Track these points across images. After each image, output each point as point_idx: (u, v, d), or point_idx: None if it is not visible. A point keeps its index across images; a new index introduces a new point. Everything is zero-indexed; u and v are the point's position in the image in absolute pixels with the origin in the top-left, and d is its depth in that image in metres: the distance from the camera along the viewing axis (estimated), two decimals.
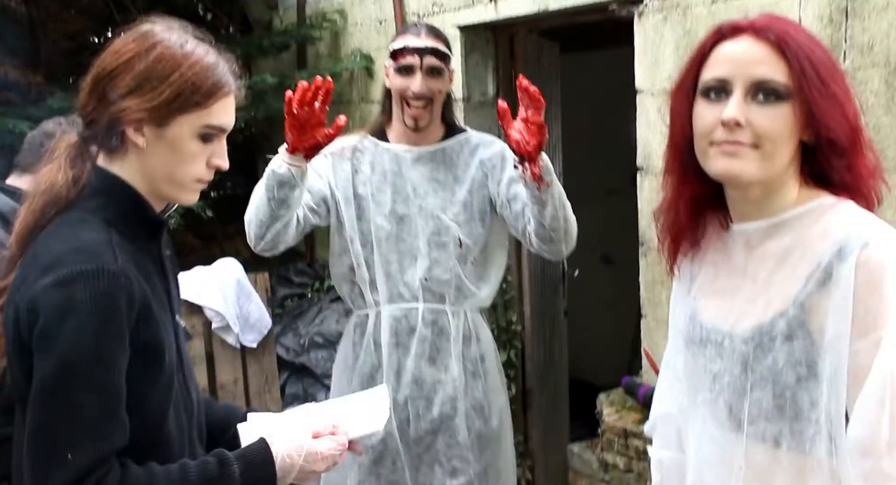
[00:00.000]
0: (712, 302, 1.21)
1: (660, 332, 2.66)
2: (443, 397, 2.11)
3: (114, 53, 1.17)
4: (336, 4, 3.79)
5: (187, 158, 1.20)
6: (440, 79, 2.06)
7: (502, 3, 3.00)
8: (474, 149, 2.14)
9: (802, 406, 1.09)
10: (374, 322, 2.14)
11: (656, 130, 2.57)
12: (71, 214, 1.17)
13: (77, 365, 1.07)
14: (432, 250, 2.09)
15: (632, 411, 2.62)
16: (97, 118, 1.17)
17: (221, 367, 3.30)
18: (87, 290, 1.08)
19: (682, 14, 2.43)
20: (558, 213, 1.90)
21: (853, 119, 1.10)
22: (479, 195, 2.11)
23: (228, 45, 4.11)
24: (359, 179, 2.12)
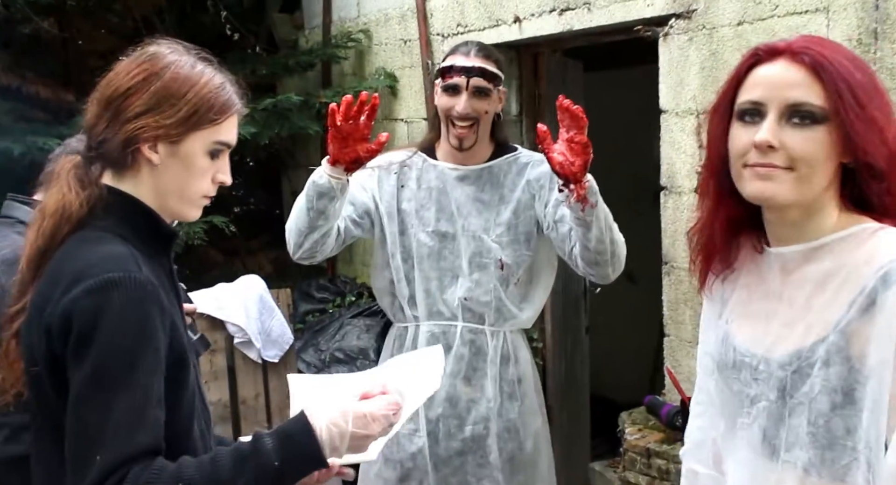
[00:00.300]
0: (746, 325, 1.20)
1: (682, 351, 2.65)
2: (475, 417, 2.09)
3: (126, 74, 1.20)
4: (361, 24, 3.83)
5: (197, 173, 1.24)
6: (486, 99, 2.04)
7: (526, 24, 3.02)
8: (522, 168, 2.11)
9: (836, 434, 1.08)
10: (412, 337, 2.13)
11: (680, 150, 2.58)
12: (85, 234, 1.19)
13: (110, 367, 1.09)
14: (474, 271, 2.07)
15: (654, 431, 2.60)
16: (109, 137, 1.19)
17: (243, 382, 3.32)
18: (118, 295, 1.10)
19: (708, 35, 2.44)
20: (604, 235, 1.86)
21: (893, 143, 1.09)
22: (525, 216, 2.08)
23: (255, 64, 4.16)
24: (404, 195, 2.12)
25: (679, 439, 2.48)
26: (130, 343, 1.10)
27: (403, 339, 2.16)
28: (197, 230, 3.53)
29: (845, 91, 1.06)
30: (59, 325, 1.11)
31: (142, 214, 1.23)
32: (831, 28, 2.14)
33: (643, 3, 2.60)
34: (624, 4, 2.66)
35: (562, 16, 2.87)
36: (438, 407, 2.09)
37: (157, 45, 1.24)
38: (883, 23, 2.04)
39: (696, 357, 2.57)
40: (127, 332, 1.10)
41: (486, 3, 3.18)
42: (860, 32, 2.09)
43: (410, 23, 3.54)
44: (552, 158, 1.76)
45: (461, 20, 3.31)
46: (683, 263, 2.62)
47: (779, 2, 2.26)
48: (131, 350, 1.10)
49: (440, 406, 2.09)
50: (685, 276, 2.61)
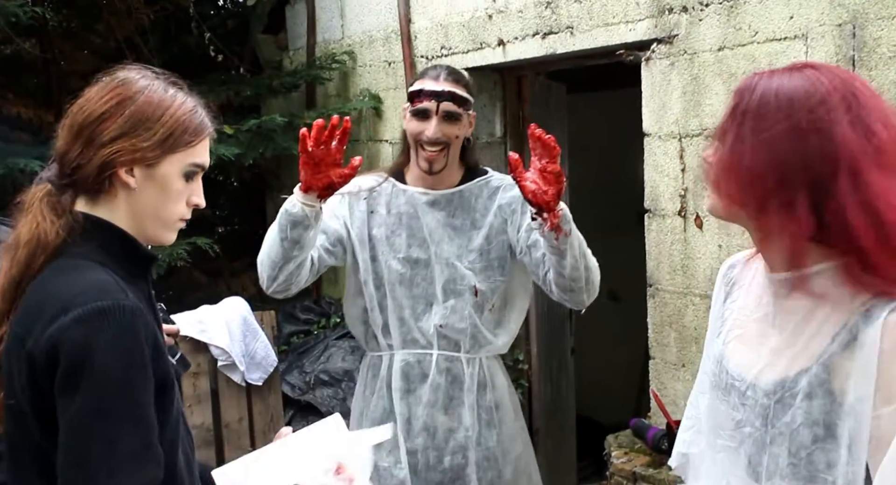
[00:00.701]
0: (740, 348, 1.20)
1: (668, 373, 2.65)
2: (454, 447, 2.05)
3: (98, 99, 1.19)
4: (345, 46, 3.85)
5: (173, 196, 1.24)
6: (457, 124, 2.00)
7: (510, 47, 3.05)
8: (493, 192, 2.07)
9: (818, 467, 1.08)
10: (387, 366, 2.09)
11: (663, 174, 2.60)
12: (62, 262, 1.18)
13: (109, 400, 1.08)
14: (448, 298, 2.03)
15: (641, 454, 2.60)
16: (84, 163, 1.18)
17: (226, 405, 3.29)
18: (109, 325, 1.09)
19: (689, 60, 2.47)
20: (578, 262, 1.84)
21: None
22: (498, 241, 2.04)
23: (239, 85, 4.15)
24: (374, 221, 2.07)
25: (665, 462, 2.49)
26: (127, 373, 1.09)
27: (378, 368, 2.11)
28: (180, 252, 3.50)
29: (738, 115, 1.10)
30: (45, 356, 1.09)
31: (119, 239, 1.22)
32: (809, 55, 2.17)
33: (625, 28, 2.63)
34: (606, 29, 2.69)
35: (545, 39, 2.90)
36: (417, 438, 2.05)
37: (127, 71, 1.24)
38: (860, 50, 2.08)
39: (681, 380, 2.59)
40: (123, 362, 1.09)
41: (471, 26, 3.21)
42: (838, 59, 2.12)
43: (395, 45, 3.56)
44: (524, 187, 1.74)
45: (445, 43, 3.33)
46: (668, 286, 2.63)
47: (758, 28, 2.29)
48: (129, 380, 1.09)
49: (419, 437, 2.05)
50: (670, 298, 2.63)
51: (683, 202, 2.55)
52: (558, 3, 2.83)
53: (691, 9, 2.46)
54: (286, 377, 3.65)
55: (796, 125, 1.05)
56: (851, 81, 1.09)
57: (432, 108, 1.98)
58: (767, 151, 1.07)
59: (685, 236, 2.56)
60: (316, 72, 3.85)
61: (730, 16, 2.36)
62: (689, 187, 2.53)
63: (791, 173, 1.05)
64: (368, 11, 3.72)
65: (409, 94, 2.06)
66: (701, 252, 2.52)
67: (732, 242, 2.41)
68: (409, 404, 2.06)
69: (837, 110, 1.05)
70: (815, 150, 1.04)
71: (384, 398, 2.09)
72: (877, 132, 1.05)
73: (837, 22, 2.12)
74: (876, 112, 1.07)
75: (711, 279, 2.48)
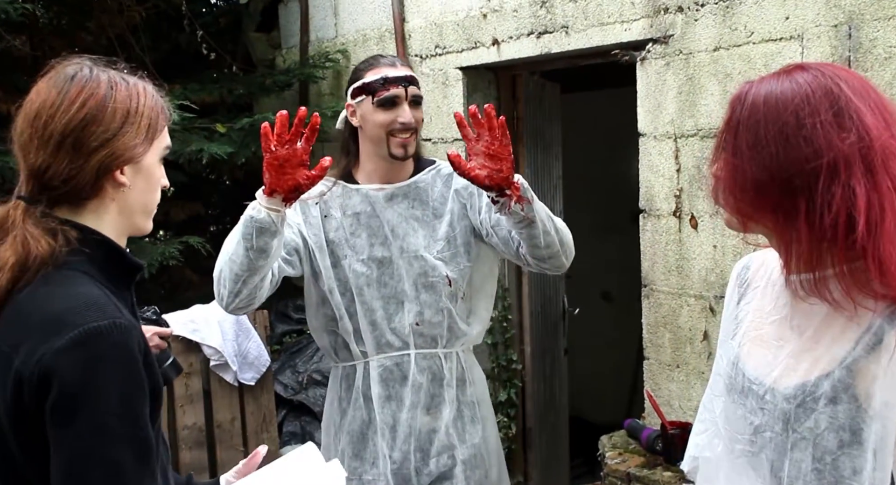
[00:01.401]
0: (756, 351, 1.19)
1: (662, 374, 2.65)
2: (439, 448, 1.97)
3: (70, 104, 1.13)
4: (339, 44, 3.83)
5: (156, 184, 1.23)
6: (420, 109, 1.96)
7: (504, 46, 3.04)
8: (447, 179, 2.01)
9: (843, 473, 1.06)
10: (362, 374, 2.00)
11: (658, 174, 2.60)
12: (51, 274, 1.12)
13: (110, 424, 1.05)
14: (420, 293, 1.96)
15: (635, 455, 2.60)
16: (75, 174, 1.13)
17: (219, 405, 3.27)
18: (106, 346, 1.06)
19: (685, 60, 2.47)
20: (548, 226, 1.79)
21: None
22: (461, 226, 1.99)
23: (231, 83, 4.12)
24: (330, 225, 1.98)
25: (660, 463, 2.49)
26: (127, 394, 1.06)
27: (352, 379, 2.02)
28: (172, 251, 3.48)
29: (733, 127, 1.10)
30: (37, 378, 1.05)
31: (107, 249, 1.18)
32: (805, 56, 2.17)
33: (620, 28, 2.63)
34: (601, 29, 2.68)
35: (540, 39, 2.89)
36: (403, 444, 1.97)
37: (73, 66, 1.17)
38: (856, 51, 2.08)
39: (675, 380, 2.59)
40: (123, 383, 1.06)
41: (465, 25, 3.20)
42: (833, 60, 2.12)
43: (388, 44, 3.55)
44: (476, 176, 1.69)
45: (439, 42, 3.32)
46: (663, 286, 2.63)
47: (754, 29, 2.29)
48: (129, 403, 1.06)
49: (405, 443, 1.97)
50: (664, 299, 2.62)
51: (678, 202, 2.55)
52: (553, 3, 2.83)
53: (687, 9, 2.45)
54: (279, 377, 3.63)
55: (783, 131, 1.05)
56: (836, 75, 1.08)
57: (402, 94, 1.91)
58: (764, 160, 1.06)
59: (680, 237, 2.56)
60: (309, 70, 3.83)
61: (725, 16, 2.36)
62: (684, 188, 2.53)
63: (788, 180, 1.05)
64: (362, 10, 3.70)
65: (362, 87, 1.94)
66: (696, 253, 2.52)
67: (727, 243, 2.41)
68: (391, 411, 1.98)
69: (820, 108, 1.04)
70: (801, 153, 1.04)
71: (361, 409, 2.01)
72: (863, 127, 1.04)
73: (833, 23, 2.12)
74: (863, 100, 1.06)
75: (706, 280, 2.48)
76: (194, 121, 3.41)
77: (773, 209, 1.07)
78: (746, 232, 1.15)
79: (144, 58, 3.83)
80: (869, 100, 1.07)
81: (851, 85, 1.07)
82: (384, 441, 1.97)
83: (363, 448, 1.99)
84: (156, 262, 3.42)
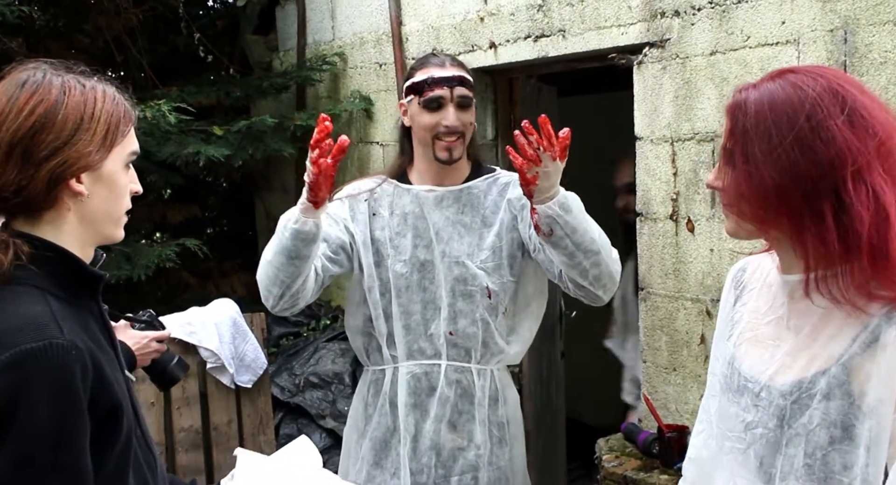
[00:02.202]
0: (752, 350, 1.20)
1: (659, 377, 2.65)
2: (463, 467, 1.91)
3: (19, 112, 1.09)
4: (336, 47, 3.83)
5: (122, 191, 1.18)
6: (469, 111, 1.91)
7: (502, 50, 3.04)
8: (503, 188, 1.96)
9: (833, 468, 1.08)
10: (390, 380, 1.95)
11: (655, 177, 2.60)
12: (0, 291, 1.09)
13: (37, 451, 1.01)
14: (457, 301, 1.90)
15: (632, 458, 2.60)
16: (26, 184, 1.08)
17: (215, 407, 3.27)
18: (37, 369, 1.01)
19: (681, 64, 2.48)
20: (576, 259, 1.73)
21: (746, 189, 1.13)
22: (509, 238, 1.93)
23: (229, 86, 4.12)
24: (377, 223, 1.95)
25: (656, 466, 2.49)
26: (56, 421, 1.01)
27: (380, 384, 1.97)
28: (169, 253, 3.48)
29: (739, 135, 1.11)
30: None
31: (64, 262, 1.13)
32: (801, 60, 2.18)
33: (617, 32, 2.63)
34: (598, 32, 2.69)
35: (537, 42, 2.90)
36: (423, 456, 1.91)
37: (27, 72, 1.13)
38: (852, 56, 2.09)
39: (672, 384, 2.59)
40: (52, 408, 1.01)
41: (462, 28, 3.20)
42: (829, 64, 2.13)
43: (386, 47, 3.55)
44: (521, 173, 1.68)
45: (436, 45, 3.32)
46: (660, 290, 2.63)
47: (750, 33, 2.30)
48: (58, 429, 1.02)
49: (425, 455, 1.91)
50: (661, 302, 2.63)
51: (675, 206, 2.55)
52: (550, 7, 2.83)
53: (683, 13, 2.46)
54: (276, 380, 3.63)
55: (800, 135, 1.06)
56: (835, 76, 1.09)
57: (447, 96, 1.87)
58: (783, 166, 1.06)
59: (677, 240, 2.56)
60: (306, 73, 3.83)
61: (722, 20, 2.37)
62: (680, 191, 2.53)
63: (811, 183, 1.05)
64: (359, 13, 3.71)
65: (412, 86, 1.92)
66: (693, 256, 2.52)
67: (724, 246, 2.42)
68: (415, 421, 1.93)
69: (831, 110, 1.06)
70: (824, 156, 1.05)
71: (387, 416, 1.96)
72: (875, 124, 1.05)
73: (829, 27, 2.13)
74: (867, 97, 1.08)
75: (703, 283, 2.49)
76: (191, 123, 3.42)
77: (793, 213, 1.07)
78: (749, 238, 1.16)
79: (142, 60, 3.84)
80: (871, 96, 1.09)
81: (852, 83, 1.09)
82: (405, 451, 1.91)
83: (385, 457, 1.94)
84: (153, 264, 3.42)
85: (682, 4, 2.46)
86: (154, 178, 3.82)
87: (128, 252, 3.39)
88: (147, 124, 3.13)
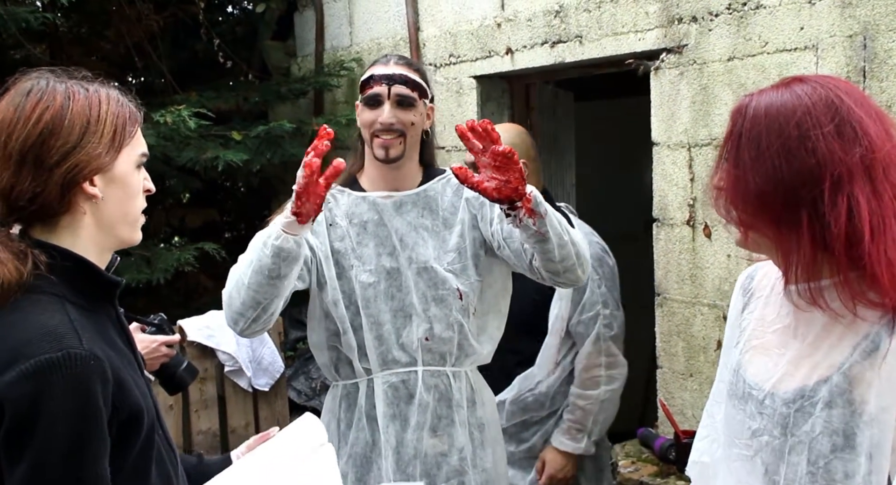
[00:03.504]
0: (757, 358, 1.21)
1: (675, 383, 2.65)
2: (448, 473, 1.87)
3: (26, 121, 1.10)
4: (353, 53, 3.86)
5: (135, 191, 1.19)
6: (411, 110, 1.84)
7: (518, 55, 3.05)
8: (458, 188, 1.91)
9: (835, 476, 1.08)
10: (365, 393, 1.88)
11: (672, 183, 2.60)
12: (19, 300, 1.09)
13: (55, 463, 1.02)
14: (430, 307, 1.86)
15: (648, 463, 2.60)
16: (40, 190, 1.09)
17: (233, 410, 3.30)
18: (57, 379, 1.01)
19: (699, 70, 2.48)
20: (563, 239, 1.68)
21: None
22: (471, 238, 1.89)
23: (247, 91, 4.15)
24: (335, 234, 1.88)
25: (673, 472, 2.49)
26: (75, 432, 1.02)
27: (353, 397, 1.90)
28: (188, 256, 3.51)
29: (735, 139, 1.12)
30: None
31: (81, 269, 1.14)
32: (820, 66, 2.18)
33: (634, 38, 2.64)
34: (615, 38, 2.69)
35: (554, 48, 2.91)
36: (408, 467, 1.87)
37: (32, 80, 1.14)
38: (871, 61, 2.08)
39: (688, 389, 2.58)
40: (70, 419, 1.02)
41: (479, 34, 3.22)
42: (848, 70, 2.12)
43: (403, 52, 3.57)
44: (485, 189, 1.58)
45: (454, 51, 3.34)
46: (676, 295, 2.63)
47: (768, 39, 2.30)
48: (77, 440, 1.02)
49: (409, 465, 1.87)
50: (678, 307, 2.63)
51: (692, 211, 2.55)
52: (567, 13, 2.84)
53: (701, 19, 2.46)
54: (292, 383, 3.65)
55: (786, 143, 1.07)
56: (837, 87, 1.10)
57: (384, 93, 1.82)
58: (767, 172, 1.08)
59: (694, 246, 2.56)
60: (324, 78, 3.86)
61: (739, 26, 2.37)
62: (697, 197, 2.53)
63: (791, 191, 1.06)
64: (377, 19, 3.73)
65: (360, 86, 1.89)
66: (710, 262, 2.52)
67: (741, 252, 2.40)
68: (395, 431, 1.87)
69: (822, 120, 1.06)
70: (805, 165, 1.06)
71: (365, 430, 1.89)
72: (865, 135, 1.06)
73: (848, 33, 2.12)
74: (864, 110, 1.08)
75: (720, 289, 2.48)
76: (210, 128, 3.45)
77: (775, 220, 1.09)
78: (747, 243, 1.16)
79: (162, 66, 3.88)
80: (870, 109, 1.09)
81: (852, 96, 1.09)
82: (388, 464, 1.87)
83: (367, 473, 1.90)
84: (171, 268, 3.45)
85: (699, 10, 2.46)
86: (173, 182, 3.86)
87: (147, 256, 3.43)
88: (167, 129, 3.17)
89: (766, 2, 2.30)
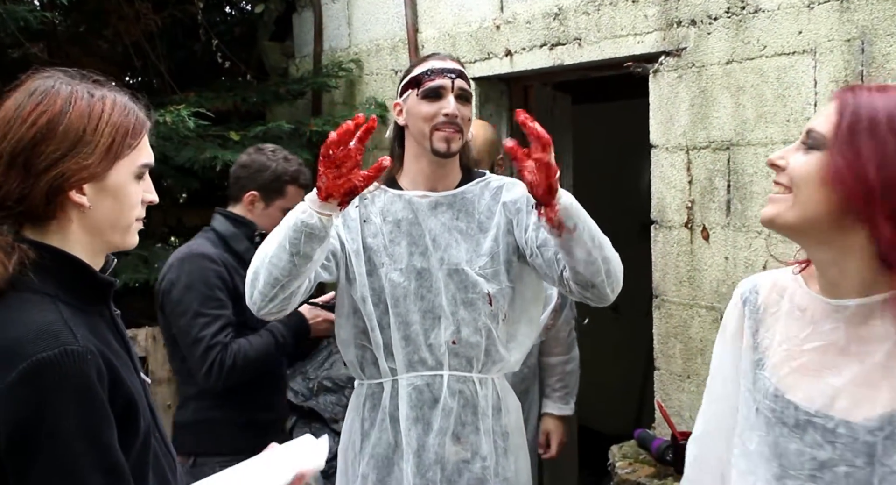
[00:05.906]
0: (802, 381, 1.14)
1: (673, 385, 2.66)
2: (469, 480, 1.84)
3: (22, 122, 1.09)
4: (352, 54, 3.86)
5: (130, 202, 1.17)
6: (468, 106, 1.86)
7: (517, 57, 3.06)
8: (496, 192, 1.90)
9: None
10: (389, 394, 1.87)
11: (670, 185, 2.61)
12: (9, 299, 1.08)
13: (76, 457, 1.02)
14: (458, 309, 1.84)
15: (645, 465, 2.60)
16: (27, 193, 1.09)
17: None
18: (58, 378, 1.02)
19: (697, 73, 2.49)
20: (593, 255, 1.66)
21: None
22: (505, 243, 1.87)
23: (245, 91, 4.16)
24: (368, 230, 1.87)
25: (670, 473, 2.49)
26: (85, 423, 1.03)
27: (378, 397, 1.89)
28: None
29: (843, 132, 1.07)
30: None
31: (73, 268, 1.13)
32: (818, 70, 2.19)
33: (633, 41, 2.65)
34: (614, 41, 2.70)
35: (552, 50, 2.92)
36: (428, 471, 1.84)
37: (42, 80, 1.13)
38: (869, 65, 2.09)
39: (686, 391, 2.59)
40: (78, 412, 1.02)
41: (478, 36, 3.22)
42: (846, 74, 2.14)
43: (402, 53, 3.58)
44: (524, 176, 1.58)
45: (452, 52, 3.34)
46: (674, 297, 2.64)
47: (767, 42, 2.31)
48: (89, 430, 1.03)
49: (429, 470, 1.84)
50: (675, 309, 2.63)
51: (690, 214, 2.56)
52: (566, 15, 2.85)
53: (700, 22, 2.47)
54: (290, 384, 3.65)
55: None
56: None
57: (448, 85, 1.81)
58: (884, 167, 1.04)
59: (692, 248, 2.57)
60: (322, 79, 3.86)
61: (738, 30, 2.38)
62: (696, 199, 2.54)
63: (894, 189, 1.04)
64: (376, 20, 3.74)
65: (410, 81, 1.87)
66: (707, 264, 2.53)
67: (739, 255, 2.42)
68: (417, 435, 1.85)
69: None
70: None
71: (388, 431, 1.88)
72: None
73: (846, 37, 2.13)
74: None
75: (718, 291, 2.49)
76: (208, 128, 3.45)
77: (870, 211, 1.04)
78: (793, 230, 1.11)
79: (160, 66, 3.88)
80: None
81: None
82: (409, 467, 1.84)
83: (388, 474, 1.88)
84: None
85: (698, 13, 2.47)
86: (171, 182, 3.85)
87: (144, 256, 3.43)
88: (166, 129, 3.17)
89: (765, 5, 2.31)
